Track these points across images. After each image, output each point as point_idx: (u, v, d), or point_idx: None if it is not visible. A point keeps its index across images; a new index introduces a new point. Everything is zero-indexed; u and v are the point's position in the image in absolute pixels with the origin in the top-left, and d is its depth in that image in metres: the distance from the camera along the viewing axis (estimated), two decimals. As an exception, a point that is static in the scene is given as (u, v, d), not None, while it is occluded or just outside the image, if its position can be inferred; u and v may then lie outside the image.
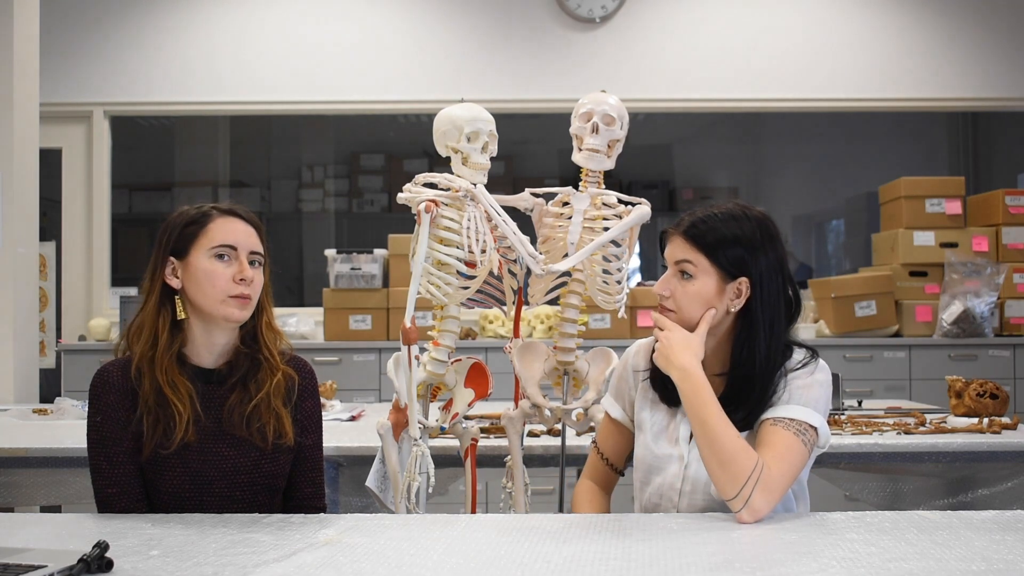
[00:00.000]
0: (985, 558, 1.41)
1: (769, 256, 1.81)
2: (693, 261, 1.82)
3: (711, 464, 1.69)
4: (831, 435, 2.62)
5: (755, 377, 1.79)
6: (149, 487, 1.83)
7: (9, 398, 3.93)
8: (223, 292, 1.84)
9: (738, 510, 1.65)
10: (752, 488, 1.64)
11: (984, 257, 4.85)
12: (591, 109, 2.35)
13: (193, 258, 1.85)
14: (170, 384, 1.81)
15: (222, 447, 1.85)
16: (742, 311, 1.82)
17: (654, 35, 5.45)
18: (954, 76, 5.46)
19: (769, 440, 1.73)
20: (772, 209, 7.83)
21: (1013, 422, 2.78)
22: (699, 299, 1.81)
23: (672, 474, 1.84)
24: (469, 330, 4.85)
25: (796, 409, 1.76)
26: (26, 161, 4.08)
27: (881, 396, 4.58)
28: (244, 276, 1.84)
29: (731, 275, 1.80)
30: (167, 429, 1.80)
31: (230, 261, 1.85)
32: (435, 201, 2.19)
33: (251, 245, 1.89)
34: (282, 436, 1.89)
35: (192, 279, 1.84)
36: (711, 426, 1.70)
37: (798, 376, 1.80)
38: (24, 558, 1.36)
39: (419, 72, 5.44)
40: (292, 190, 7.08)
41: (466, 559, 1.45)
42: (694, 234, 1.82)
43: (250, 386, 1.88)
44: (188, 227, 1.86)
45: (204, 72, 5.45)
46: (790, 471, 1.69)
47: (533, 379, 2.35)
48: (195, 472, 1.83)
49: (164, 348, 1.83)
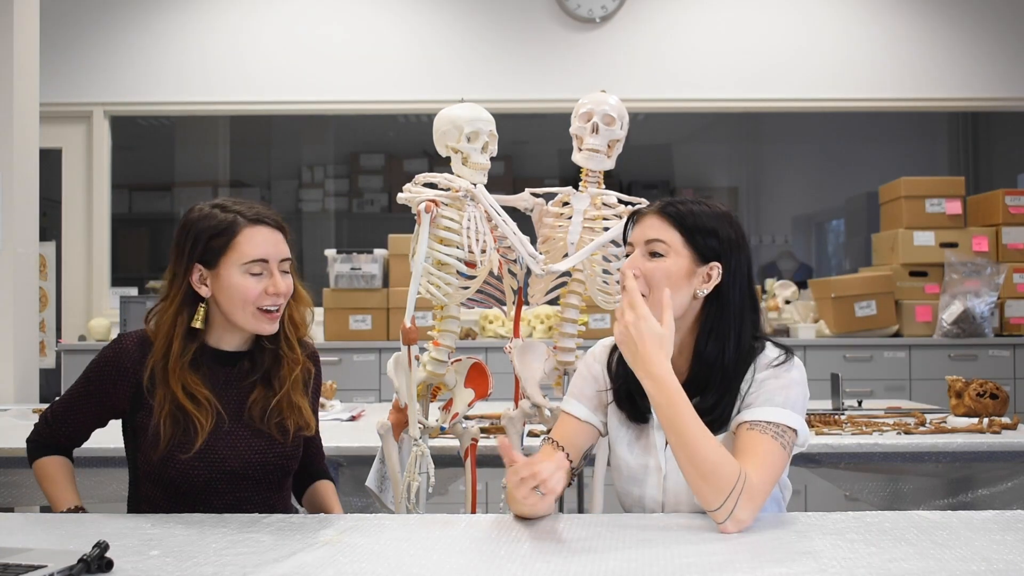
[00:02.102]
0: (985, 558, 1.41)
1: (741, 252, 1.79)
2: (666, 240, 1.77)
3: (692, 477, 1.62)
4: (831, 436, 2.63)
5: (717, 368, 1.74)
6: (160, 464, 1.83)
7: (9, 398, 3.93)
8: (255, 305, 1.84)
9: (722, 521, 1.60)
10: (736, 500, 1.58)
11: (984, 257, 4.85)
12: (591, 109, 2.35)
13: (224, 271, 1.84)
14: (188, 395, 1.81)
15: (239, 429, 1.87)
16: (711, 298, 1.77)
17: (654, 35, 5.45)
18: (954, 76, 5.46)
19: (748, 446, 1.67)
20: (772, 209, 7.81)
21: (1013, 422, 2.78)
22: (669, 278, 1.75)
23: (652, 486, 1.80)
24: (469, 330, 4.85)
25: (774, 411, 1.70)
26: (26, 161, 4.08)
27: (881, 396, 4.58)
28: (277, 291, 1.85)
29: (704, 258, 1.76)
30: (186, 435, 1.82)
31: (262, 275, 1.85)
32: (435, 201, 2.19)
33: (281, 253, 1.88)
34: (303, 428, 1.92)
35: (223, 292, 1.84)
36: (689, 437, 1.62)
37: (775, 375, 1.75)
38: (24, 558, 1.36)
39: (419, 72, 5.44)
40: (292, 190, 7.08)
41: (466, 559, 1.45)
42: (671, 212, 1.78)
43: (273, 382, 1.90)
44: (216, 238, 1.84)
45: (204, 72, 5.45)
46: (772, 477, 1.66)
47: (533, 379, 2.34)
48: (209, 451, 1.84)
49: (176, 357, 1.83)
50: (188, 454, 1.81)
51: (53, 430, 1.98)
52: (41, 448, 2.00)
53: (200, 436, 1.81)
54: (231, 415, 1.87)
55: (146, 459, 1.85)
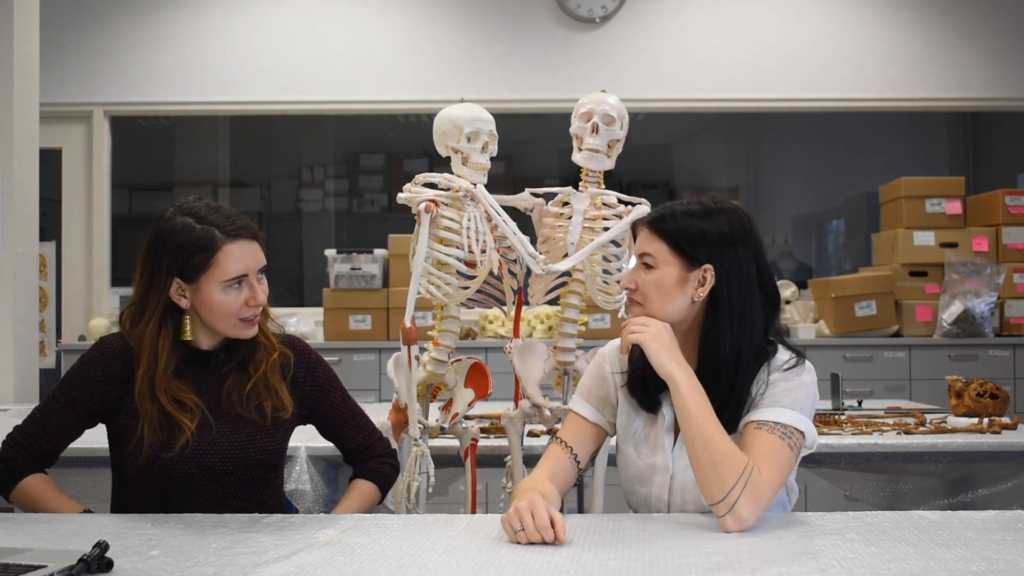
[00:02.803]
0: (985, 558, 1.41)
1: (739, 248, 1.77)
2: (653, 252, 1.78)
3: (702, 464, 1.63)
4: (831, 436, 2.63)
5: (721, 368, 1.74)
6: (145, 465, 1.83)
7: (9, 398, 3.93)
8: (235, 317, 1.87)
9: (723, 515, 1.60)
10: (740, 492, 1.59)
11: (984, 257, 4.85)
12: (591, 109, 2.35)
13: (204, 287, 1.84)
14: (174, 403, 1.83)
15: (219, 424, 1.87)
16: (709, 301, 1.77)
17: (654, 35, 5.45)
18: (954, 76, 5.46)
19: (755, 445, 1.68)
20: (772, 209, 7.82)
21: (1013, 422, 2.77)
22: (660, 289, 1.77)
23: (658, 485, 1.80)
24: (469, 330, 4.85)
25: (782, 412, 1.71)
26: (26, 161, 4.08)
27: (881, 396, 4.58)
28: (257, 302, 1.87)
29: (694, 263, 1.76)
30: (170, 438, 1.83)
31: (241, 288, 1.86)
32: (435, 201, 2.20)
33: (258, 263, 1.90)
34: (279, 410, 1.92)
35: (204, 306, 1.86)
36: (705, 424, 1.65)
37: (784, 377, 1.75)
38: (24, 558, 1.36)
39: (419, 72, 5.44)
40: (292, 190, 7.08)
41: (466, 559, 1.45)
42: (657, 226, 1.79)
43: (248, 367, 1.92)
44: (195, 256, 1.83)
45: (204, 72, 5.45)
46: (778, 476, 1.65)
47: (533, 379, 2.35)
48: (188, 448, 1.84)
49: (164, 368, 1.84)
50: (171, 453, 1.82)
51: (29, 444, 1.91)
52: (16, 472, 1.91)
53: (184, 437, 1.82)
54: (212, 411, 1.88)
55: (131, 461, 1.85)
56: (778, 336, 1.82)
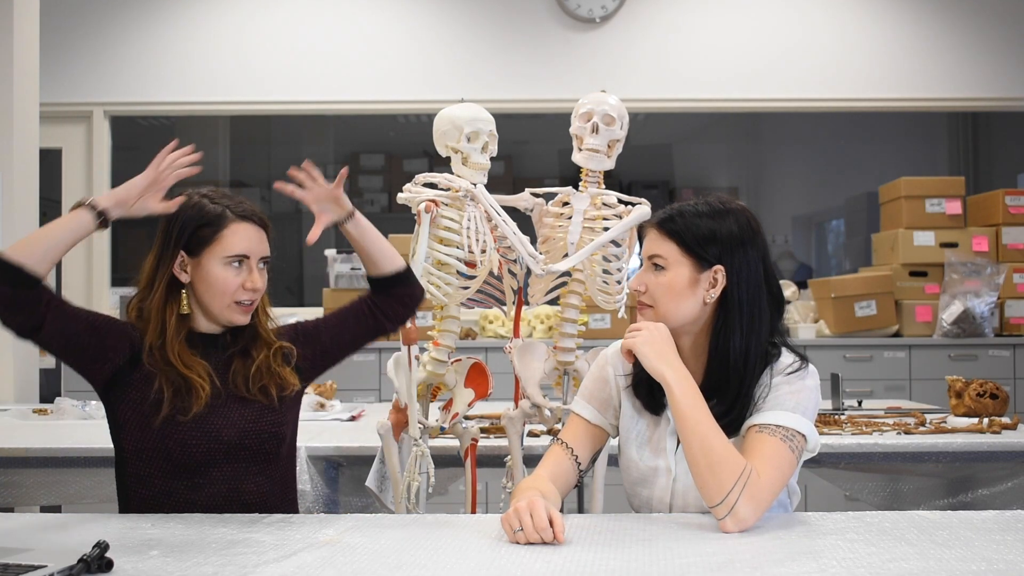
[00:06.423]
0: (985, 558, 1.41)
1: (748, 249, 1.76)
2: (664, 254, 1.78)
3: (700, 466, 1.63)
4: (831, 436, 2.63)
5: (730, 369, 1.74)
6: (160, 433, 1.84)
7: (9, 398, 3.93)
8: (231, 298, 1.89)
9: (722, 517, 1.59)
10: (739, 494, 1.59)
11: (984, 257, 4.85)
12: (591, 109, 2.35)
13: (205, 261, 1.88)
14: (186, 365, 1.86)
15: (229, 401, 1.90)
16: (719, 302, 1.77)
17: (654, 35, 5.45)
18: (954, 76, 5.46)
19: (756, 447, 1.67)
20: (772, 209, 7.81)
21: (1013, 422, 2.78)
22: (672, 290, 1.76)
23: (660, 487, 1.80)
24: (469, 330, 4.85)
25: (784, 415, 1.70)
26: (26, 161, 4.08)
27: (881, 396, 4.57)
28: (254, 286, 1.89)
29: (705, 264, 1.76)
30: (186, 400, 1.84)
31: (241, 269, 1.89)
32: (435, 201, 2.20)
33: (262, 251, 1.93)
34: (285, 388, 1.94)
35: (202, 281, 1.89)
36: (702, 426, 1.64)
37: (788, 381, 1.74)
38: (24, 558, 1.37)
39: (419, 72, 5.44)
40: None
41: (466, 559, 1.45)
42: (667, 227, 1.79)
43: (251, 351, 1.94)
44: (203, 228, 1.88)
45: (204, 72, 5.45)
46: (779, 479, 1.65)
47: (533, 379, 2.35)
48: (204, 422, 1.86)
49: (172, 336, 1.87)
50: (187, 416, 1.83)
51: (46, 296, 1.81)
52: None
53: (200, 400, 1.83)
54: (219, 388, 1.90)
55: (141, 434, 1.85)
56: (781, 337, 1.82)
